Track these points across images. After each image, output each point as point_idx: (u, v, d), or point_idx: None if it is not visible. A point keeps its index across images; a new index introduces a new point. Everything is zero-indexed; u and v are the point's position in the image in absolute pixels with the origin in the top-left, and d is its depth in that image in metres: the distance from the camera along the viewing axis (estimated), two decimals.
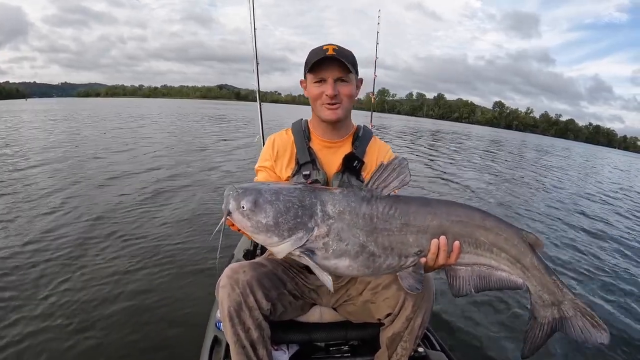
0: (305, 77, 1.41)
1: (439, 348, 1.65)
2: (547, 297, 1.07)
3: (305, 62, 1.38)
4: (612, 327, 2.81)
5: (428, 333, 1.69)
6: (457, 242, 1.06)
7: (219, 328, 1.59)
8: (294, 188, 1.08)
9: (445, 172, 9.56)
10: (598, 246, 4.88)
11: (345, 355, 1.54)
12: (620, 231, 5.86)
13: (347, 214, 1.04)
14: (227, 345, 1.32)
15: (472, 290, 1.10)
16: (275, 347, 1.44)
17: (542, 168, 14.27)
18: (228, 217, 1.05)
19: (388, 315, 1.31)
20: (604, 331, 1.02)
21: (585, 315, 1.04)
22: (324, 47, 1.32)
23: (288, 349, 1.50)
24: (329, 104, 1.35)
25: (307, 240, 1.03)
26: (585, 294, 3.35)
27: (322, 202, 1.05)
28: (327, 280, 1.03)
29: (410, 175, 1.08)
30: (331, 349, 1.56)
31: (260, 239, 1.05)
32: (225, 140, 12.92)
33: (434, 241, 1.05)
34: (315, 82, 1.36)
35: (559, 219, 6.07)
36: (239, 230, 1.11)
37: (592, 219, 6.44)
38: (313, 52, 1.35)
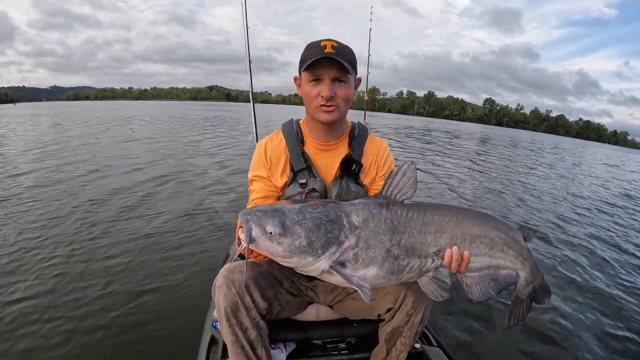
0: (300, 74, 1.31)
1: (435, 344, 1.66)
2: (531, 278, 1.25)
3: (301, 59, 1.28)
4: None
5: (425, 329, 1.68)
6: (466, 252, 1.10)
7: (215, 328, 1.58)
8: (315, 204, 1.07)
9: (440, 173, 9.59)
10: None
11: (342, 352, 1.54)
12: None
13: (371, 221, 1.05)
14: (224, 345, 1.31)
15: (491, 292, 1.16)
16: (273, 346, 1.44)
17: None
18: (250, 245, 0.98)
19: (388, 310, 1.32)
20: (550, 294, 1.35)
21: (543, 286, 1.32)
22: (322, 43, 1.23)
23: (285, 348, 1.50)
24: (324, 105, 1.27)
25: (339, 255, 1.02)
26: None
27: (346, 213, 1.05)
28: (364, 287, 1.00)
29: (417, 181, 1.11)
30: (328, 346, 1.56)
31: (293, 262, 1.02)
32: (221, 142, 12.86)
33: (448, 251, 1.09)
34: (311, 81, 1.26)
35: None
36: (257, 256, 1.10)
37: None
38: (310, 48, 1.26)
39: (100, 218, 4.24)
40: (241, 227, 1.01)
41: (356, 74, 1.32)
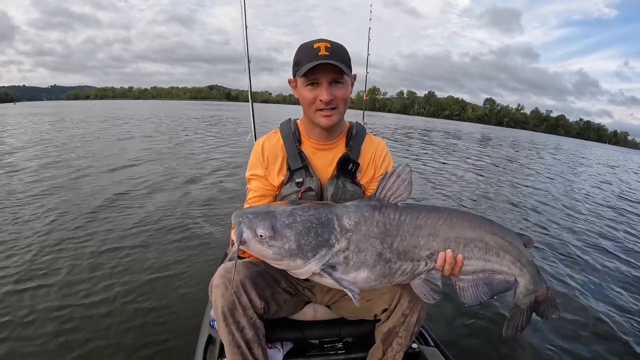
0: (294, 76, 1.29)
1: (432, 344, 1.66)
2: (531, 287, 1.23)
3: (295, 62, 1.25)
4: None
5: (422, 329, 1.70)
6: (460, 256, 1.10)
7: (213, 327, 1.59)
8: (307, 206, 1.07)
9: (439, 175, 9.58)
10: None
11: (339, 352, 1.54)
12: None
13: (363, 224, 1.05)
14: (222, 344, 1.32)
15: (484, 297, 1.15)
16: (270, 345, 1.44)
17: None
18: (241, 247, 1.00)
19: (384, 310, 1.32)
20: (558, 310, 1.28)
21: (549, 299, 1.27)
22: (316, 45, 1.20)
23: (282, 347, 1.50)
24: (323, 109, 1.25)
25: (330, 258, 1.02)
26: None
27: (337, 216, 1.05)
28: (354, 291, 1.02)
29: (412, 183, 1.10)
30: (325, 346, 1.57)
31: (284, 264, 1.03)
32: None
33: (441, 254, 1.08)
34: (308, 85, 1.24)
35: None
36: (250, 256, 1.09)
37: None
38: (303, 51, 1.23)
39: (97, 217, 4.24)
40: (234, 228, 1.02)
41: (351, 71, 1.29)
